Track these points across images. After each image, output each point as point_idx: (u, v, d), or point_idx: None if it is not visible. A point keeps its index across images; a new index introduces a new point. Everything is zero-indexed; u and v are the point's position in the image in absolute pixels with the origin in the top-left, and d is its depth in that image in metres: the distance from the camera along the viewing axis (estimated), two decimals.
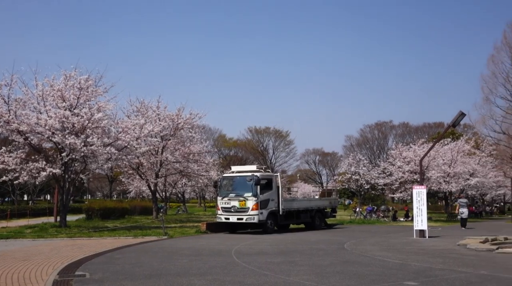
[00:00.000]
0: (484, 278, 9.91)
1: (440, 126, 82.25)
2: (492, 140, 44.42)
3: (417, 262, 12.31)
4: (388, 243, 18.02)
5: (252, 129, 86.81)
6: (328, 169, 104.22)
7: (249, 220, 22.46)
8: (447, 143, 42.69)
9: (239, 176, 23.86)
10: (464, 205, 28.93)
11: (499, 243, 17.28)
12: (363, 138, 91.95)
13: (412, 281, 9.49)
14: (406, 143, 52.93)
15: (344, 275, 10.27)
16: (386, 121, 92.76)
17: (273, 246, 16.65)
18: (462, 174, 39.05)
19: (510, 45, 42.36)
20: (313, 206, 27.47)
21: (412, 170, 38.62)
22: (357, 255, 14.01)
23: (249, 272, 10.72)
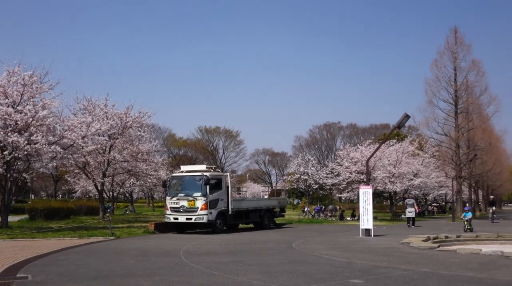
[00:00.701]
0: (426, 275, 10.24)
1: (386, 127, 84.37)
2: (435, 142, 46.02)
3: (363, 261, 12.58)
4: (335, 242, 18.33)
5: (202, 128, 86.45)
6: (277, 169, 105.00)
7: (198, 220, 22.35)
8: (392, 144, 43.78)
9: (188, 176, 23.71)
10: (411, 205, 30.31)
11: (440, 241, 17.90)
12: (312, 139, 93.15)
13: (358, 279, 9.69)
14: (353, 143, 53.99)
15: (292, 274, 10.38)
16: (335, 122, 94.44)
17: (222, 246, 16.64)
18: (407, 174, 40.12)
19: (453, 50, 44.01)
20: (262, 205, 27.61)
21: (359, 170, 39.43)
22: (305, 254, 14.19)
23: (197, 272, 10.67)
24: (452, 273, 10.59)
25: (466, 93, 44.43)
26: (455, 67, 43.86)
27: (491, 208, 36.75)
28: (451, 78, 43.91)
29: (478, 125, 46.17)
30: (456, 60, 43.83)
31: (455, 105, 43.88)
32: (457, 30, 44.49)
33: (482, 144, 46.88)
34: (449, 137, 44.60)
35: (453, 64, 43.94)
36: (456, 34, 44.42)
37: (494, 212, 35.78)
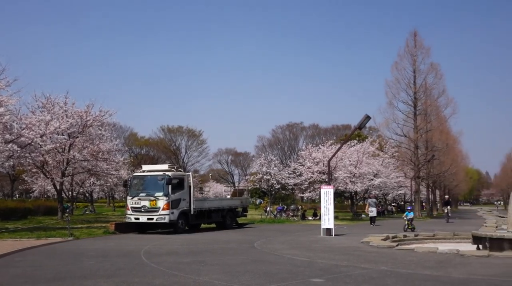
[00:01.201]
0: (385, 274, 10.43)
1: (347, 128, 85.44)
2: (395, 143, 46.95)
3: (323, 260, 12.72)
4: (297, 241, 18.47)
5: (165, 128, 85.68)
6: (240, 168, 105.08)
7: (160, 220, 22.15)
8: (353, 144, 44.38)
9: (150, 175, 23.48)
10: (373, 204, 31.06)
11: (398, 240, 18.26)
12: (274, 139, 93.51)
13: (319, 278, 9.80)
14: (315, 144, 54.46)
15: (254, 273, 10.41)
16: (297, 122, 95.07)
17: (183, 246, 16.54)
18: (367, 174, 40.74)
19: (412, 53, 45.00)
20: (224, 205, 27.60)
21: (320, 170, 39.79)
22: (267, 254, 14.25)
23: (158, 272, 10.58)
24: (410, 271, 10.82)
25: (425, 95, 45.55)
26: (414, 70, 44.88)
27: (446, 208, 37.35)
28: (411, 81, 44.93)
29: (436, 126, 47.41)
30: (415, 63, 44.88)
31: (414, 107, 44.89)
32: (417, 33, 45.63)
33: (439, 144, 48.13)
34: (408, 138, 45.61)
35: (413, 66, 44.96)
36: (416, 38, 45.50)
37: (449, 212, 36.31)
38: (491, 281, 9.56)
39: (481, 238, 15.74)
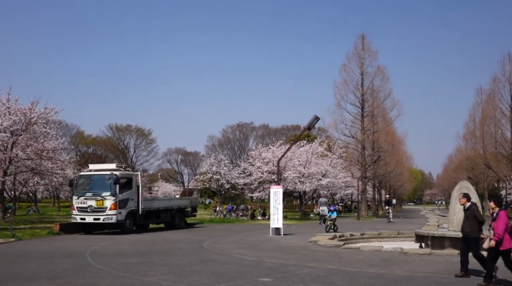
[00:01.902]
0: (331, 272, 10.63)
1: (297, 129, 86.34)
2: (343, 143, 47.78)
3: (272, 259, 12.82)
4: (246, 241, 18.53)
5: (113, 126, 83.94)
6: (190, 168, 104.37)
7: (107, 220, 21.75)
8: (303, 145, 44.92)
9: (97, 175, 23.01)
10: (324, 204, 31.66)
11: (345, 239, 18.63)
12: (225, 139, 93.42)
13: (267, 278, 9.87)
14: (265, 144, 54.70)
15: (202, 273, 10.38)
16: (248, 122, 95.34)
17: (131, 247, 16.30)
18: (316, 174, 41.29)
19: (360, 56, 45.94)
20: (173, 205, 27.37)
21: (270, 170, 40.04)
22: (215, 254, 14.23)
23: (104, 274, 10.39)
24: (355, 269, 11.06)
25: (372, 97, 46.57)
26: (362, 72, 45.79)
27: (388, 208, 37.44)
28: (358, 83, 45.83)
29: (382, 128, 48.62)
30: (363, 65, 45.79)
31: (362, 109, 45.81)
32: (365, 37, 46.55)
33: (385, 145, 49.38)
34: (356, 139, 46.52)
35: (360, 69, 45.87)
36: (364, 41, 46.43)
37: (390, 212, 36.14)
38: (432, 278, 9.90)
39: (424, 237, 16.27)
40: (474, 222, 9.96)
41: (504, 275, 9.58)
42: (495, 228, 8.99)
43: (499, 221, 8.98)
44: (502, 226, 8.87)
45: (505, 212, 9.08)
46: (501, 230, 8.86)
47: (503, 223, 8.90)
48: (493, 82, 46.67)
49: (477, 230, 9.91)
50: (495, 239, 8.91)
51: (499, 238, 8.87)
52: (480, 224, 9.90)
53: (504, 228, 8.87)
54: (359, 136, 46.13)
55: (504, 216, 8.99)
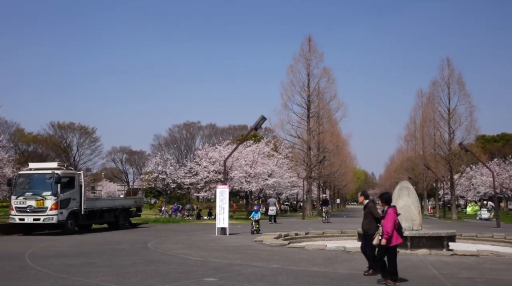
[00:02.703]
0: (276, 271, 10.72)
1: (244, 129, 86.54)
2: (289, 144, 48.32)
3: (217, 259, 12.80)
4: (191, 241, 18.42)
5: (55, 124, 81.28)
6: (135, 167, 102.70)
7: (47, 221, 21.13)
8: (249, 144, 45.05)
9: (37, 174, 22.30)
10: (273, 204, 31.95)
11: (290, 238, 18.85)
12: (171, 138, 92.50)
13: (212, 277, 9.85)
14: (212, 143, 54.56)
15: (146, 274, 10.24)
16: (194, 122, 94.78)
17: (72, 248, 15.89)
18: (262, 174, 41.52)
19: (307, 57, 46.59)
20: (117, 205, 26.91)
21: (217, 170, 39.96)
22: (160, 254, 14.07)
23: (43, 275, 10.08)
24: (300, 268, 11.21)
25: (318, 98, 47.35)
26: (308, 74, 46.47)
27: (324, 207, 37.07)
28: (305, 84, 46.48)
29: (328, 129, 49.51)
30: (309, 67, 46.49)
31: (308, 110, 46.48)
32: (311, 38, 47.27)
33: (330, 146, 50.30)
34: (302, 140, 47.14)
35: (307, 70, 46.54)
36: (310, 42, 47.13)
37: (327, 212, 35.80)
38: (373, 276, 10.15)
39: None
40: (371, 219, 10.19)
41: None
42: (384, 226, 9.23)
43: (387, 218, 9.22)
44: (391, 224, 9.12)
45: (393, 209, 9.33)
46: (390, 228, 9.11)
47: (391, 221, 9.14)
48: (432, 86, 48.39)
49: (374, 226, 10.06)
50: (385, 237, 9.14)
51: (389, 235, 9.12)
52: (377, 221, 10.05)
53: (393, 225, 9.13)
54: (305, 136, 46.77)
55: (392, 213, 9.24)
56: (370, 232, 10.10)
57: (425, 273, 10.58)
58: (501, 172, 54.83)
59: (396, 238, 9.21)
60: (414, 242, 15.26)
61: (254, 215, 22.96)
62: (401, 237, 9.36)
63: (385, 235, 9.17)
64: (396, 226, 9.21)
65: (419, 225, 16.17)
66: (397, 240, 9.25)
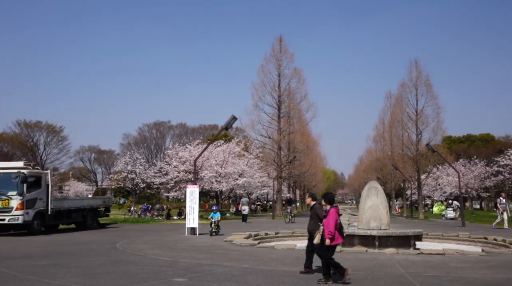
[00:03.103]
0: (246, 271, 10.73)
1: (214, 128, 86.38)
2: (259, 144, 48.44)
3: (187, 259, 12.75)
4: (161, 241, 18.29)
5: (21, 122, 79.55)
6: (104, 167, 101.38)
7: (13, 221, 20.72)
8: (220, 144, 45.00)
9: (2, 173, 21.82)
10: (246, 203, 32.10)
11: (260, 238, 18.90)
12: (141, 137, 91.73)
13: (181, 278, 9.81)
14: (183, 143, 54.26)
15: (114, 275, 10.13)
16: (165, 121, 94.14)
17: (39, 248, 15.60)
18: (232, 174, 41.54)
19: (277, 57, 46.76)
20: (85, 205, 26.56)
21: (187, 170, 39.80)
22: (129, 254, 13.93)
23: (9, 277, 9.86)
24: (269, 268, 11.25)
25: (288, 99, 47.56)
26: (279, 74, 46.65)
27: (289, 207, 36.05)
28: (276, 84, 46.65)
29: (298, 129, 49.79)
30: (280, 67, 46.67)
31: (278, 110, 46.66)
32: (282, 39, 47.46)
33: (300, 146, 50.59)
34: (272, 140, 47.32)
35: (278, 70, 46.71)
36: (281, 43, 47.33)
37: (291, 212, 34.69)
38: (309, 274, 10.28)
39: None
40: (317, 220, 10.25)
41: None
42: (326, 225, 9.34)
43: (329, 218, 9.34)
44: (333, 223, 9.25)
45: (335, 209, 9.45)
46: (332, 227, 9.23)
47: (333, 220, 9.27)
48: (401, 88, 49.04)
49: (319, 227, 10.21)
50: (328, 236, 9.25)
51: (331, 235, 9.23)
52: (321, 222, 10.15)
53: (334, 224, 9.25)
54: (275, 137, 46.95)
55: (334, 213, 9.37)
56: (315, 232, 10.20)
57: (392, 272, 10.75)
58: (467, 172, 56.04)
59: (337, 238, 9.34)
60: (382, 241, 15.48)
61: (213, 216, 21.33)
62: (341, 237, 9.51)
63: (328, 235, 9.25)
64: (337, 225, 9.33)
65: (387, 225, 16.41)
66: (338, 239, 9.38)
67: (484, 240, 18.81)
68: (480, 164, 56.89)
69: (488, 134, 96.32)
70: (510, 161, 38.06)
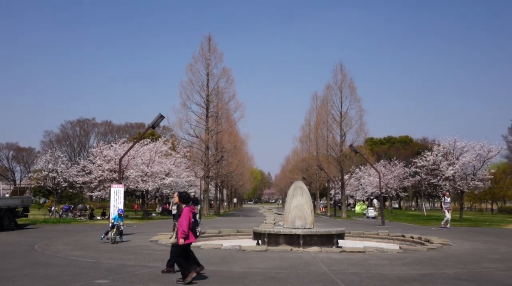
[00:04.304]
0: (170, 271, 10.64)
1: (141, 127, 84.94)
2: (187, 143, 48.13)
3: (110, 260, 12.46)
4: (83, 242, 17.75)
5: None
6: (23, 165, 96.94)
7: None
8: (146, 143, 44.34)
9: None
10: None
11: None
12: (63, 135, 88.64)
13: (104, 279, 9.58)
14: (107, 141, 52.97)
15: (33, 278, 9.73)
16: (89, 118, 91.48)
17: None
18: (159, 173, 41.02)
19: (206, 57, 46.66)
20: (1, 205, 25.29)
21: (112, 169, 38.89)
22: (48, 256, 13.42)
23: None
24: None
25: (217, 98, 47.60)
26: (208, 73, 46.58)
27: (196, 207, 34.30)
28: (204, 83, 46.53)
29: (226, 128, 49.93)
30: (209, 66, 46.59)
31: (207, 109, 46.57)
32: (211, 38, 47.38)
33: (228, 146, 50.75)
34: (200, 139, 47.14)
35: (206, 70, 46.61)
36: (210, 42, 47.24)
37: (199, 212, 32.14)
38: (266, 273, 10.42)
39: (261, 234, 17.03)
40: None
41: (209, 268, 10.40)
42: (180, 225, 9.53)
43: (182, 217, 9.55)
44: (186, 222, 9.46)
45: (188, 208, 9.67)
46: (185, 226, 9.44)
47: (186, 219, 9.47)
48: (326, 90, 50.38)
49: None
50: (181, 236, 9.45)
51: (185, 234, 9.45)
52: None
53: (188, 223, 9.46)
54: (203, 136, 46.82)
55: (187, 212, 9.58)
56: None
57: (316, 270, 11.02)
58: (387, 172, 58.48)
59: (190, 237, 9.53)
60: (306, 240, 15.85)
61: (115, 219, 17.54)
62: (194, 236, 9.70)
63: (181, 234, 9.40)
64: (191, 224, 9.49)
65: (311, 224, 16.81)
66: (190, 238, 9.56)
67: (402, 238, 19.68)
68: (399, 165, 59.58)
69: (407, 136, 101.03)
70: (426, 162, 39.95)
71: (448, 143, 38.63)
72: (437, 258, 13.27)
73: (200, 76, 46.56)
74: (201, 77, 46.56)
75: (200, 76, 46.55)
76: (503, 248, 16.06)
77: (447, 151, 38.53)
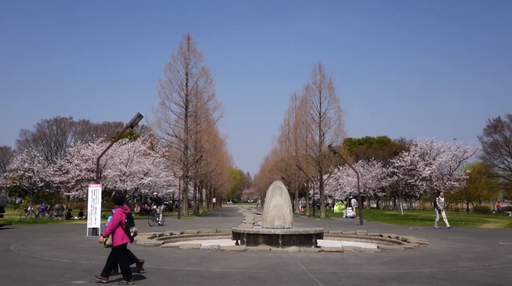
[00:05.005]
0: (149, 271, 10.58)
1: (119, 126, 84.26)
2: (166, 143, 47.88)
3: (87, 261, 12.35)
4: (60, 242, 17.53)
5: None
6: None
7: None
8: (125, 142, 44.00)
9: None
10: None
11: (165, 238, 18.68)
12: (40, 134, 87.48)
13: (81, 280, 9.48)
14: (85, 140, 52.43)
15: (8, 279, 9.58)
16: (66, 117, 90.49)
17: None
18: (137, 173, 40.75)
19: (185, 56, 46.50)
20: None
21: (89, 168, 38.50)
22: (24, 257, 13.22)
23: None
24: (173, 268, 11.16)
25: (196, 98, 47.46)
26: (187, 73, 46.41)
27: (157, 207, 30.21)
28: (183, 83, 46.36)
29: (205, 128, 49.80)
30: (188, 66, 46.43)
31: (186, 109, 46.40)
32: (190, 37, 47.24)
33: (207, 146, 50.65)
34: (179, 139, 46.95)
35: (185, 69, 46.44)
36: (189, 41, 47.10)
37: (159, 213, 29.87)
38: (245, 273, 10.42)
39: (240, 234, 17.03)
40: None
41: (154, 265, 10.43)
42: (108, 225, 9.64)
43: (112, 218, 9.63)
44: (111, 224, 9.50)
45: (120, 209, 9.66)
46: (108, 228, 9.51)
47: (114, 221, 9.49)
48: (305, 90, 50.55)
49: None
50: (103, 235, 9.66)
51: (106, 234, 9.59)
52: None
53: (113, 225, 9.46)
54: (182, 136, 46.63)
55: (118, 213, 9.58)
56: None
57: (294, 270, 11.06)
58: (365, 172, 58.97)
59: (122, 238, 9.55)
60: (285, 239, 15.89)
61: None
62: (128, 237, 9.70)
63: (104, 233, 9.63)
64: (123, 225, 9.54)
65: (290, 223, 16.87)
66: (123, 239, 9.59)
67: (379, 238, 19.86)
68: (377, 165, 60.13)
69: (385, 137, 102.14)
70: (404, 163, 40.43)
71: (425, 144, 39.14)
72: (414, 257, 13.43)
73: (179, 75, 46.41)
74: (180, 76, 46.41)
75: (179, 76, 46.40)
76: (478, 247, 16.33)
77: (424, 151, 39.04)
